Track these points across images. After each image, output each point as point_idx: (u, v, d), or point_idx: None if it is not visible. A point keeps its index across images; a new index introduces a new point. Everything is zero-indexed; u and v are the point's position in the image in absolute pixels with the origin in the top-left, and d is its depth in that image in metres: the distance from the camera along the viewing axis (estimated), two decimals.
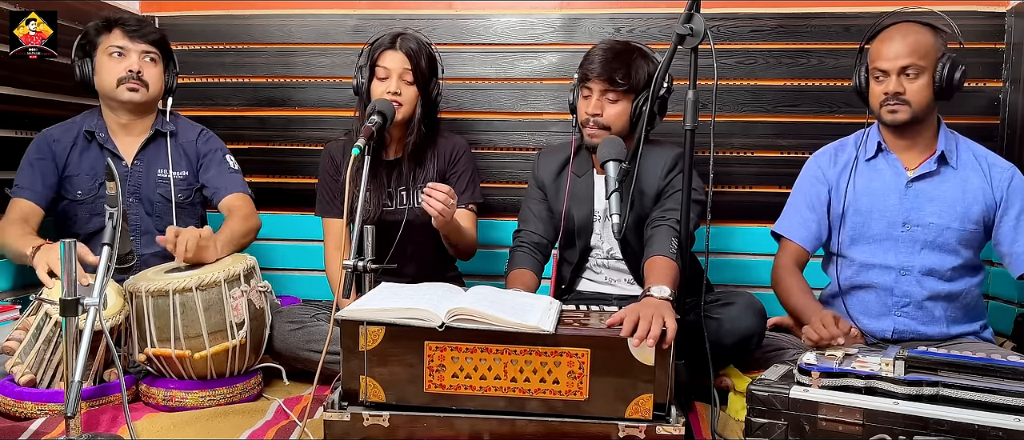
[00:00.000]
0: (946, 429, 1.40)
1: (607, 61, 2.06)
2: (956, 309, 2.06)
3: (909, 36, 1.96)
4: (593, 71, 2.06)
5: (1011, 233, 2.02)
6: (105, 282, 1.55)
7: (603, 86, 2.06)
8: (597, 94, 2.08)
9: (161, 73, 2.30)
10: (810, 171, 2.19)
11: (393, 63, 2.23)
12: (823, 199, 2.13)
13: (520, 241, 2.24)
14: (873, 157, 2.09)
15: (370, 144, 1.92)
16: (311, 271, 2.85)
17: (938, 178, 2.04)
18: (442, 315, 1.56)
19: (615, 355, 1.56)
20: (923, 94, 1.96)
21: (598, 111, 2.07)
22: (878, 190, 2.07)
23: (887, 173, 2.08)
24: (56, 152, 2.26)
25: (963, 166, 2.05)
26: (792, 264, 2.12)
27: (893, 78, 1.96)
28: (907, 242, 2.04)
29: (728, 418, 1.86)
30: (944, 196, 2.03)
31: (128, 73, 2.22)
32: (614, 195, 1.83)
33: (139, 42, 2.25)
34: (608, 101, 2.08)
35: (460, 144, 2.38)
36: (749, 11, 2.67)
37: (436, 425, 1.59)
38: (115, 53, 2.23)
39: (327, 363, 1.79)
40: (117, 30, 2.24)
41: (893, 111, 1.97)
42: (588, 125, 2.09)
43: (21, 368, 1.84)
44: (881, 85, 1.98)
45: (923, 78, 1.95)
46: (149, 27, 2.30)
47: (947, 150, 2.03)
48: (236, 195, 2.34)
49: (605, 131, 2.07)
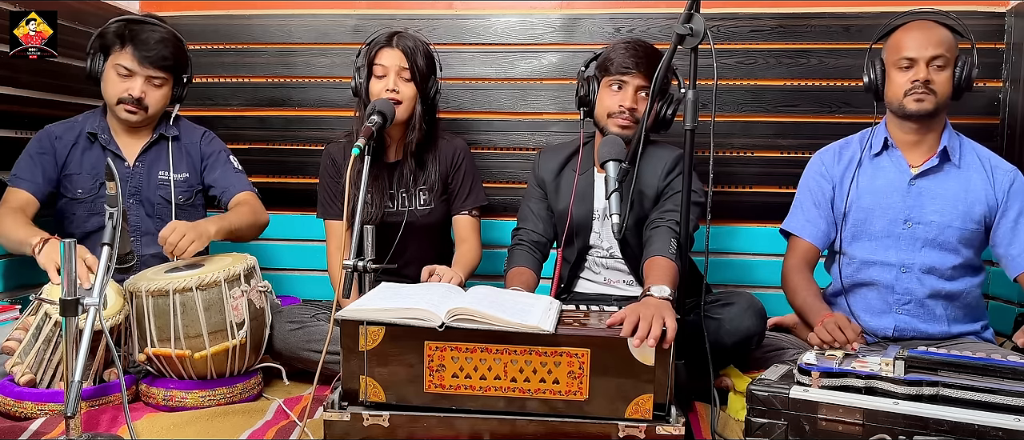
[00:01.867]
0: (946, 429, 1.40)
1: (648, 57, 2.07)
2: (957, 308, 2.07)
3: (935, 30, 1.99)
4: (630, 65, 2.06)
5: (1008, 235, 2.03)
6: (105, 282, 1.55)
7: (641, 82, 2.07)
8: (632, 88, 2.07)
9: (167, 93, 2.28)
10: (814, 168, 2.19)
11: (390, 61, 2.23)
12: (828, 195, 2.14)
13: (519, 239, 2.24)
14: (878, 154, 2.10)
15: (370, 144, 1.92)
16: (311, 271, 2.85)
17: (941, 176, 2.05)
18: (442, 315, 1.56)
19: (615, 355, 1.56)
20: (947, 87, 1.99)
21: (634, 105, 2.07)
22: (881, 187, 2.08)
23: (891, 170, 2.08)
24: (57, 149, 2.26)
25: (967, 166, 2.05)
26: (801, 263, 2.13)
27: (923, 66, 1.96)
28: (908, 239, 2.05)
29: (728, 418, 1.86)
30: (946, 194, 2.04)
31: (128, 96, 2.20)
32: (614, 195, 1.83)
33: (147, 67, 2.21)
34: (641, 98, 2.08)
35: (461, 147, 2.38)
36: (749, 11, 2.67)
37: (436, 425, 1.58)
38: (122, 72, 2.21)
39: (327, 363, 1.79)
40: (129, 49, 2.19)
41: (920, 99, 1.98)
42: (620, 116, 2.07)
43: (21, 368, 1.84)
44: (907, 74, 1.98)
45: (947, 71, 1.98)
46: (163, 49, 2.22)
47: (950, 147, 2.04)
48: (246, 193, 2.35)
49: (635, 125, 2.06)
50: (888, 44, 2.05)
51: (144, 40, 2.20)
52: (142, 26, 2.23)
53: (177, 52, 2.27)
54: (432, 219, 2.36)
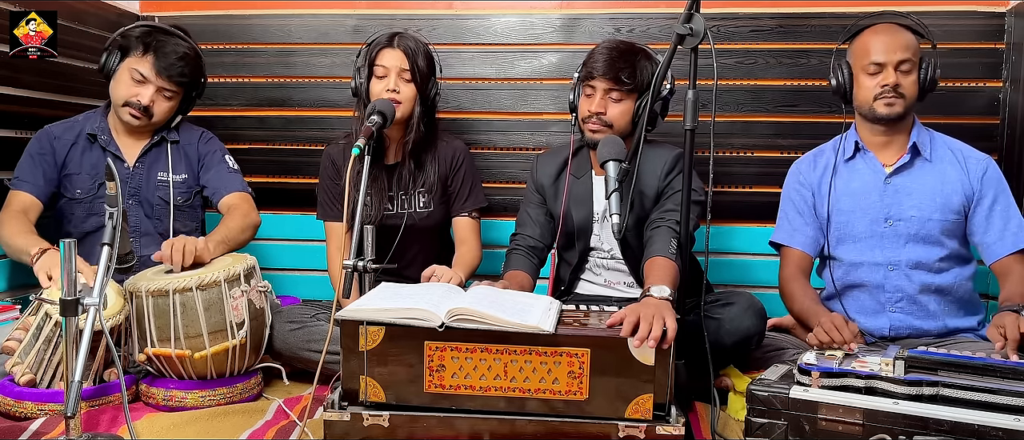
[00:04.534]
0: (946, 429, 1.40)
1: (612, 60, 2.06)
2: (950, 303, 2.08)
3: (900, 33, 2.03)
4: (597, 70, 2.06)
5: (983, 223, 2.06)
6: (105, 282, 1.55)
7: (608, 85, 2.06)
8: (601, 93, 2.07)
9: (174, 106, 2.29)
10: (792, 178, 2.23)
11: (391, 61, 2.23)
12: (809, 203, 2.17)
13: (516, 244, 2.24)
14: (851, 158, 2.13)
15: (370, 144, 1.92)
16: (311, 271, 2.85)
17: (914, 171, 2.08)
18: (442, 315, 1.56)
19: (615, 355, 1.56)
20: (914, 89, 2.03)
21: (602, 109, 2.07)
22: (858, 189, 2.11)
23: (866, 172, 2.11)
24: (57, 149, 2.26)
25: (939, 159, 2.08)
26: (796, 271, 2.15)
27: (891, 71, 2.00)
28: (891, 237, 2.07)
29: (728, 418, 1.86)
30: (922, 189, 2.06)
31: (136, 101, 2.20)
32: (614, 195, 1.83)
33: (162, 79, 2.21)
34: (612, 100, 2.08)
35: (461, 149, 2.38)
36: (749, 11, 2.67)
37: (436, 425, 1.59)
38: (136, 76, 2.20)
39: (327, 363, 1.79)
40: (149, 58, 2.19)
41: (890, 103, 2.01)
42: (590, 122, 2.09)
43: (21, 368, 1.84)
44: (875, 78, 2.02)
45: (914, 74, 2.02)
46: (182, 66, 2.23)
47: (919, 142, 2.07)
48: (235, 194, 2.33)
49: (607, 129, 2.07)
50: (854, 48, 2.08)
51: (167, 53, 2.21)
52: (168, 38, 2.24)
53: (195, 70, 2.28)
54: (431, 221, 2.36)
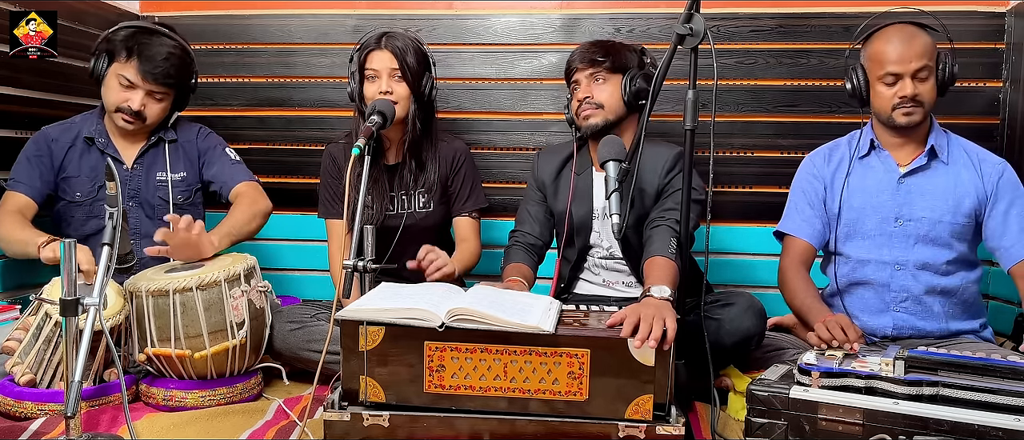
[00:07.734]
0: (946, 429, 1.40)
1: (585, 50, 2.16)
2: (954, 305, 2.07)
3: (916, 38, 1.98)
4: (574, 63, 2.16)
5: (999, 227, 2.04)
6: (105, 282, 1.55)
7: (588, 69, 2.12)
8: (585, 81, 2.13)
9: (167, 106, 2.28)
10: (806, 169, 2.21)
11: (380, 63, 2.23)
12: (820, 195, 2.15)
13: (515, 240, 2.25)
14: (866, 155, 2.12)
15: (370, 144, 1.92)
16: (311, 271, 2.85)
17: (929, 172, 2.06)
18: (442, 315, 1.56)
19: (615, 355, 1.56)
20: (933, 94, 2.01)
21: (588, 93, 2.12)
22: (871, 187, 2.09)
23: (879, 170, 2.10)
24: (54, 151, 2.25)
25: (954, 161, 2.07)
26: (798, 263, 2.13)
27: (908, 81, 1.97)
28: (900, 237, 2.06)
29: (728, 418, 1.86)
30: (935, 190, 2.05)
31: (127, 107, 2.19)
32: (614, 195, 1.83)
33: (150, 83, 2.19)
34: (597, 83, 2.12)
35: (461, 149, 2.38)
36: (749, 11, 2.67)
37: (436, 425, 1.58)
38: (124, 82, 2.19)
39: (327, 363, 1.79)
40: (134, 62, 2.17)
41: (909, 114, 1.99)
42: (582, 109, 2.12)
43: (21, 368, 1.84)
44: (893, 88, 1.99)
45: (931, 80, 1.99)
46: (168, 66, 2.19)
47: (937, 145, 2.06)
48: (243, 183, 2.34)
49: (599, 110, 2.10)
50: (869, 54, 2.04)
51: (151, 56, 2.18)
52: (151, 39, 2.20)
53: (182, 68, 2.25)
54: (431, 221, 2.36)
